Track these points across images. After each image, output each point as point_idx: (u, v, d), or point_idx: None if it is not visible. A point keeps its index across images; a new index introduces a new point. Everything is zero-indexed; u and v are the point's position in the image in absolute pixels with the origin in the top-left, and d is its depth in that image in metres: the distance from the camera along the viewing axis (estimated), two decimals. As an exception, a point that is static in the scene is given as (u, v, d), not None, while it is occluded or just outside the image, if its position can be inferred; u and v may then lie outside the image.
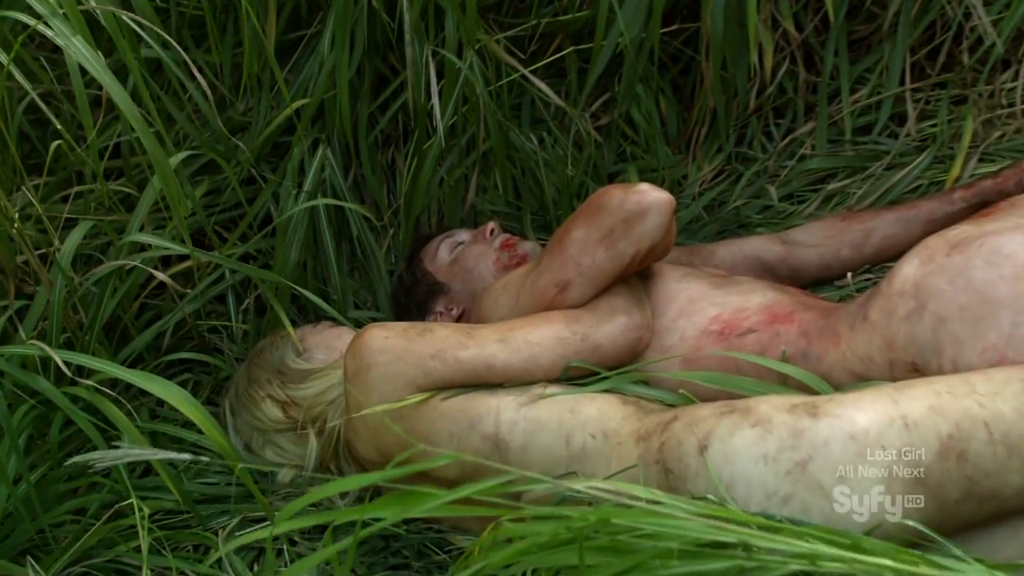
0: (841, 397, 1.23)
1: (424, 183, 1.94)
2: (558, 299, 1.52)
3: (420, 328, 1.47)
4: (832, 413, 1.19)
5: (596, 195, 1.52)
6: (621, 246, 1.48)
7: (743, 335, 1.50)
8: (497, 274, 1.84)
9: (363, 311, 2.00)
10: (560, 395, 1.42)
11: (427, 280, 1.91)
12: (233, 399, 1.76)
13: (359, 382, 1.45)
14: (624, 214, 1.47)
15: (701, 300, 1.58)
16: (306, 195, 1.83)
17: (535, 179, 2.02)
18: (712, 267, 1.91)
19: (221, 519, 1.65)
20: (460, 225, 2.07)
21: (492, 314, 1.62)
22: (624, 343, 1.50)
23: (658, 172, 2.08)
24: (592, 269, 1.50)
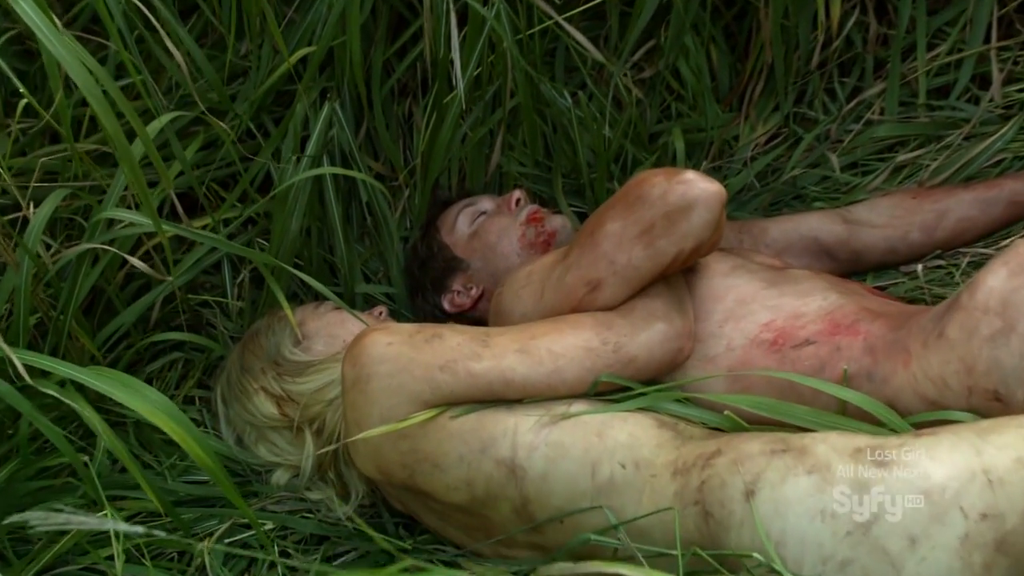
0: (913, 442, 1.07)
1: (444, 140, 1.75)
2: (588, 299, 1.34)
3: (428, 333, 1.30)
4: (903, 463, 1.04)
5: (635, 182, 1.33)
6: (662, 244, 1.29)
7: (799, 347, 1.33)
8: (521, 252, 1.66)
9: (373, 285, 1.83)
10: (587, 415, 1.26)
11: (444, 254, 1.73)
12: (225, 387, 1.60)
13: (358, 393, 1.29)
14: (666, 208, 1.28)
15: (752, 302, 1.40)
16: (309, 160, 1.65)
17: (568, 138, 1.81)
18: (764, 246, 1.72)
19: (209, 523, 1.51)
20: (484, 189, 1.88)
21: (513, 309, 1.44)
22: (662, 355, 1.32)
23: (706, 132, 1.87)
24: (627, 268, 1.31)
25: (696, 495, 1.13)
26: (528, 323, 1.34)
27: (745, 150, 1.89)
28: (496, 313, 1.48)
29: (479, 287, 1.71)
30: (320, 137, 1.66)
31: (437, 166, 1.78)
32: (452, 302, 1.73)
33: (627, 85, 1.82)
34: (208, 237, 1.43)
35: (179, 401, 1.68)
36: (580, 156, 1.80)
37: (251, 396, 1.54)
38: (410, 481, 1.32)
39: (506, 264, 1.67)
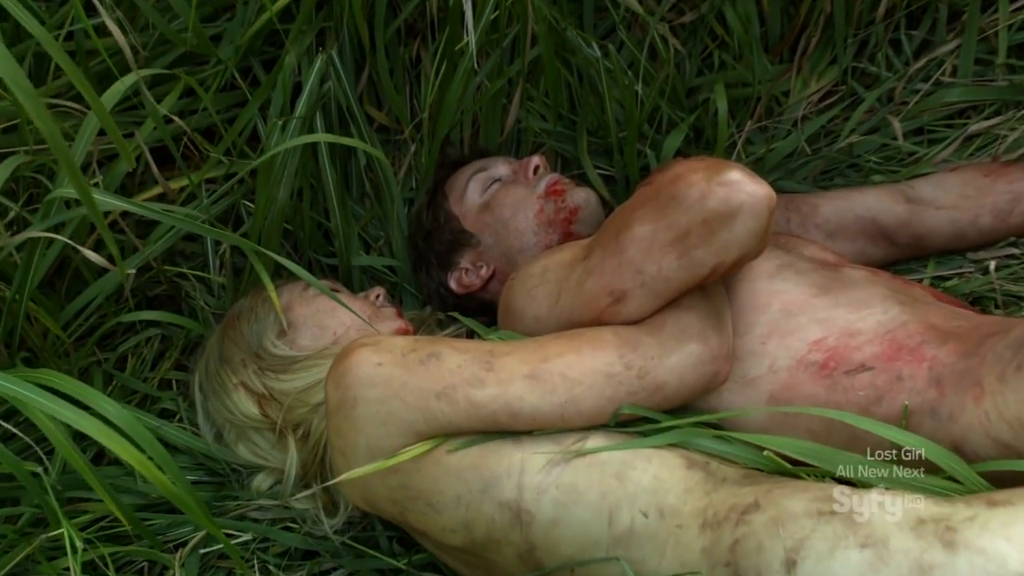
0: (987, 516, 0.91)
1: (456, 91, 1.55)
2: (610, 311, 1.17)
3: (424, 352, 1.13)
4: (974, 546, 0.88)
5: (668, 178, 1.14)
6: (698, 255, 1.11)
7: (853, 373, 1.16)
8: (538, 230, 1.49)
9: (373, 258, 1.65)
10: (605, 451, 1.10)
11: (451, 226, 1.55)
12: (203, 376, 1.45)
13: (342, 419, 1.13)
14: (705, 213, 1.09)
15: (800, 313, 1.23)
16: (299, 122, 1.46)
17: (595, 91, 1.61)
18: (814, 227, 1.54)
19: (183, 530, 1.38)
20: (499, 149, 1.68)
21: (524, 310, 1.27)
22: (695, 380, 1.15)
23: (752, 87, 1.66)
24: (657, 280, 1.13)
25: (728, 555, 0.98)
26: (540, 340, 1.17)
27: (796, 109, 1.68)
28: (506, 309, 1.32)
29: (490, 266, 1.54)
30: (312, 94, 1.47)
31: (447, 120, 1.59)
32: (459, 281, 1.56)
33: (663, 34, 1.61)
34: (169, 216, 1.24)
35: (154, 385, 1.53)
36: (608, 113, 1.60)
37: (230, 392, 1.39)
38: (401, 518, 1.17)
39: (520, 243, 1.50)
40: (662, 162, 1.61)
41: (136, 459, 1.10)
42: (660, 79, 1.57)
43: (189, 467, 1.45)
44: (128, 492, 1.39)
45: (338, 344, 1.38)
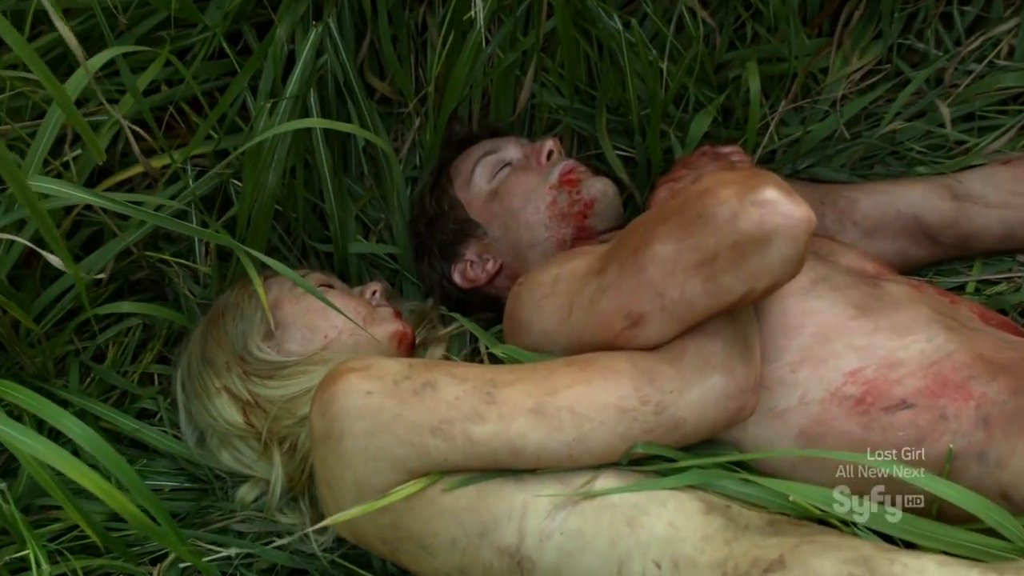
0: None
1: (465, 63, 1.43)
2: (626, 335, 1.06)
3: (419, 381, 1.03)
4: None
5: (696, 192, 1.02)
6: (726, 281, 1.00)
7: (892, 410, 1.06)
8: (550, 223, 1.38)
9: (371, 244, 1.54)
10: (616, 493, 1.00)
11: (456, 214, 1.44)
12: (185, 375, 1.35)
13: (328, 451, 1.03)
14: (736, 236, 0.97)
15: (836, 338, 1.12)
16: (290, 102, 1.34)
17: (616, 65, 1.49)
18: (851, 224, 1.43)
19: (164, 538, 1.29)
20: (511, 127, 1.56)
21: (532, 322, 1.17)
22: (717, 416, 1.05)
23: (788, 63, 1.52)
24: (679, 305, 1.02)
25: (749, 617, 0.90)
26: (547, 366, 1.06)
27: (835, 88, 1.54)
28: (512, 319, 1.21)
29: (496, 260, 1.43)
30: (306, 70, 1.35)
31: (455, 95, 1.46)
32: (464, 275, 1.45)
33: (691, 5, 1.47)
34: (139, 210, 1.13)
35: (134, 380, 1.43)
36: (630, 90, 1.47)
37: (212, 397, 1.29)
38: (392, 558, 1.08)
39: (531, 237, 1.39)
40: (687, 147, 1.48)
41: (103, 490, 1.03)
42: (688, 58, 1.44)
43: (169, 472, 1.37)
44: (103, 500, 1.31)
45: (329, 349, 1.29)
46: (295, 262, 1.53)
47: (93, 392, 1.41)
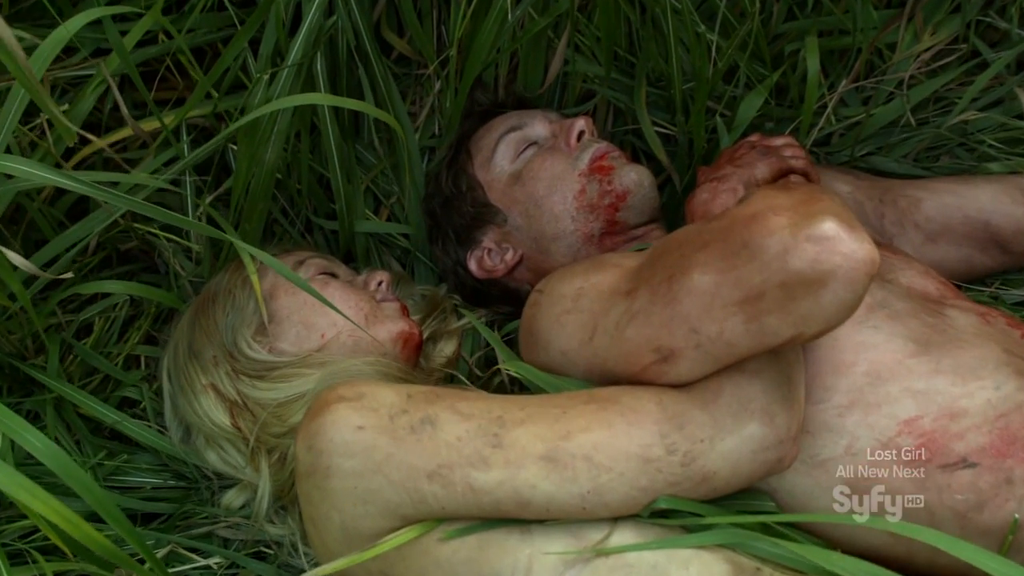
0: None
1: (492, 25, 1.30)
2: (654, 371, 0.94)
3: (418, 414, 0.92)
4: None
5: (743, 217, 0.89)
6: (771, 323, 0.87)
7: (951, 468, 0.96)
8: (577, 215, 1.26)
9: (380, 223, 1.42)
10: (633, 551, 0.90)
11: (474, 196, 1.32)
12: (171, 363, 1.25)
13: (314, 488, 0.93)
14: (786, 274, 0.84)
15: (891, 379, 1.00)
16: (292, 69, 1.21)
17: (659, 32, 1.34)
18: (913, 227, 1.30)
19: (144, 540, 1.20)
20: (541, 99, 1.43)
21: (550, 339, 1.05)
22: (752, 469, 0.93)
23: (852, 37, 1.37)
24: (716, 344, 0.90)
25: None
26: (563, 402, 0.95)
27: (903, 66, 1.39)
28: (528, 332, 1.09)
29: (517, 251, 1.31)
30: (311, 33, 1.22)
31: (479, 59, 1.33)
32: (480, 263, 1.33)
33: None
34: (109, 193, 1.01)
35: (119, 362, 1.33)
36: (674, 62, 1.33)
37: (198, 394, 1.19)
38: (383, 605, 0.99)
39: (555, 229, 1.26)
40: (734, 132, 1.34)
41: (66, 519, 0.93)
42: (742, 34, 1.29)
43: (152, 468, 1.27)
44: (81, 497, 1.22)
45: (326, 350, 1.18)
46: (297, 237, 1.42)
47: (75, 372, 1.31)
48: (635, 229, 1.27)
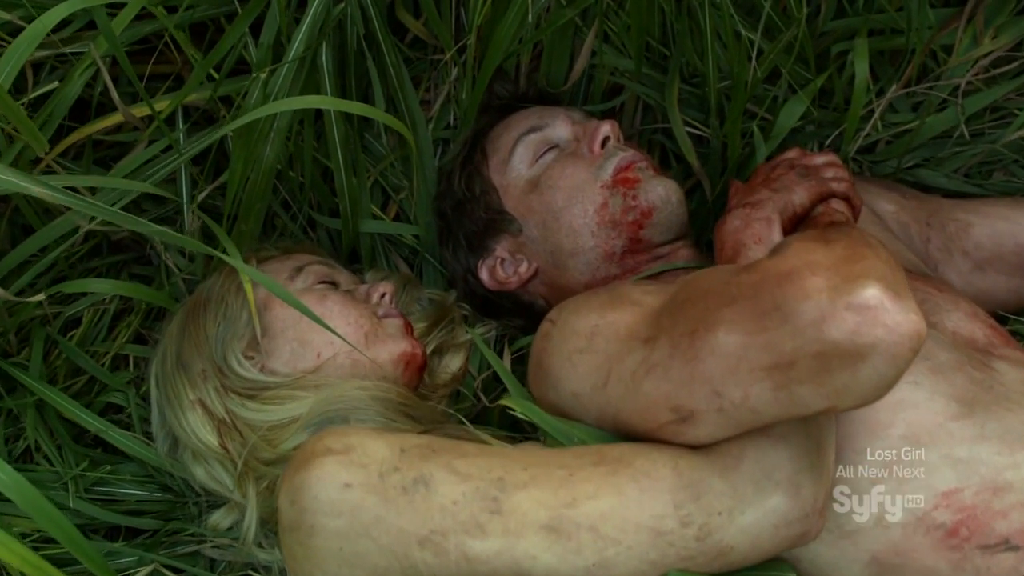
0: None
1: (515, 15, 1.21)
2: (672, 430, 0.87)
3: (411, 473, 0.85)
4: None
5: (777, 274, 0.80)
6: (803, 393, 0.79)
7: (991, 550, 0.90)
8: (597, 231, 1.17)
9: (387, 223, 1.33)
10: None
11: (487, 201, 1.24)
12: (159, 369, 1.18)
13: (297, 544, 0.87)
14: (821, 345, 0.76)
15: (931, 445, 0.93)
16: (298, 49, 1.13)
17: (695, 23, 1.25)
18: (961, 255, 1.21)
19: (124, 560, 1.15)
20: (562, 94, 1.34)
21: (560, 376, 0.98)
22: (772, 545, 0.86)
23: (905, 37, 1.27)
24: (740, 410, 0.82)
25: None
26: (570, 462, 0.87)
27: (958, 73, 1.29)
28: (538, 364, 1.02)
29: (531, 263, 1.23)
30: (316, 22, 1.13)
31: (500, 50, 1.24)
32: (492, 273, 1.25)
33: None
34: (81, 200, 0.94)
35: (107, 362, 1.27)
36: (709, 60, 1.24)
37: (185, 409, 1.13)
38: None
39: (573, 244, 1.18)
40: (771, 141, 1.25)
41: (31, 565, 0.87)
42: (786, 38, 1.19)
43: (137, 479, 1.21)
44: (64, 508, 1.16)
45: (321, 371, 1.11)
46: (298, 233, 1.34)
47: (60, 368, 1.25)
48: (660, 247, 1.18)
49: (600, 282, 1.19)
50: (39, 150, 0.95)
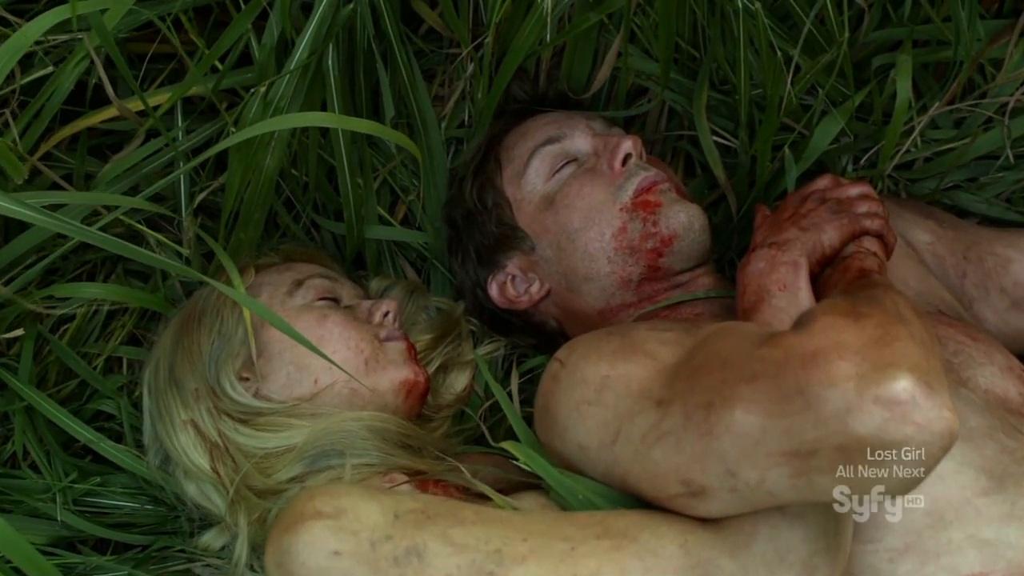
0: None
1: (535, 22, 1.15)
2: (681, 503, 0.83)
3: (403, 543, 0.82)
4: None
5: (802, 354, 0.75)
6: (822, 483, 0.75)
7: (1013, 640, 0.84)
8: (614, 257, 1.12)
9: (393, 229, 1.28)
10: None
11: (500, 215, 1.18)
12: (152, 380, 1.14)
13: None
14: (845, 438, 0.71)
15: (957, 523, 0.89)
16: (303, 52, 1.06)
17: (727, 26, 1.17)
18: (998, 291, 1.15)
19: (115, 572, 1.13)
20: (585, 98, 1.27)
21: (567, 426, 0.93)
22: (784, 632, 0.83)
23: (952, 50, 1.19)
24: (755, 492, 0.78)
25: None
26: (572, 535, 0.83)
27: (1006, 90, 1.21)
28: (544, 408, 0.97)
29: (544, 284, 1.17)
30: (323, 22, 1.06)
31: (522, 50, 1.18)
32: (503, 290, 1.20)
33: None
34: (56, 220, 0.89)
35: (99, 364, 1.23)
36: (742, 69, 1.17)
37: (177, 429, 1.09)
38: None
39: (588, 269, 1.13)
40: (801, 162, 1.18)
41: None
42: (825, 61, 1.12)
43: (128, 490, 1.18)
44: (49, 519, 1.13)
45: (318, 399, 1.07)
46: (301, 235, 1.29)
47: (52, 367, 1.21)
48: (679, 275, 1.13)
49: (615, 309, 1.14)
50: (17, 177, 0.89)
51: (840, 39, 1.09)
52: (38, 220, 0.90)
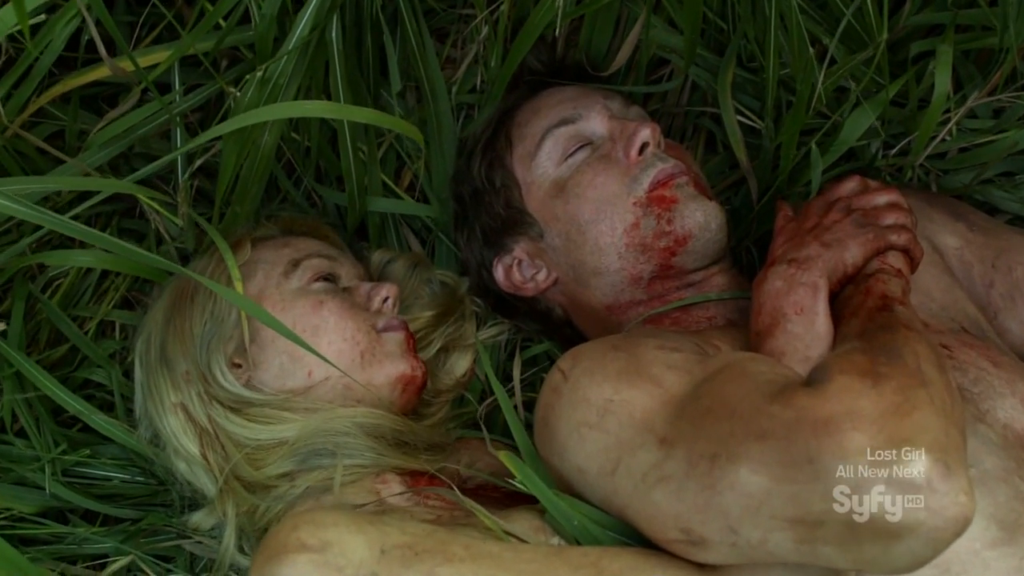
0: None
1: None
2: (680, 548, 0.81)
3: (395, 567, 0.79)
4: None
5: (816, 419, 0.72)
6: (826, 554, 0.73)
7: None
8: (625, 253, 1.08)
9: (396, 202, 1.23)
10: None
11: (508, 196, 1.13)
12: (143, 353, 1.11)
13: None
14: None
15: (963, 573, 0.86)
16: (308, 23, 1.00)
17: (759, 7, 1.10)
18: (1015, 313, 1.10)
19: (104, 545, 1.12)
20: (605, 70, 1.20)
21: (566, 446, 0.91)
22: None
23: (996, 36, 1.11)
24: (756, 550, 0.76)
25: None
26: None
27: (1051, 81, 1.16)
28: (545, 423, 0.94)
29: (551, 273, 1.13)
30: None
31: (540, 21, 1.11)
32: (508, 274, 1.15)
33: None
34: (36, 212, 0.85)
35: (92, 330, 1.19)
36: (771, 48, 1.10)
37: (167, 410, 1.06)
38: None
39: (597, 263, 1.08)
40: (828, 155, 1.12)
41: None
42: (864, 55, 1.05)
43: (118, 461, 1.16)
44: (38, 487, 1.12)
45: (312, 392, 1.04)
46: (302, 202, 1.24)
47: (43, 326, 1.18)
48: (693, 273, 1.08)
49: (624, 306, 1.10)
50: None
51: (879, 39, 1.02)
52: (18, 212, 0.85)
